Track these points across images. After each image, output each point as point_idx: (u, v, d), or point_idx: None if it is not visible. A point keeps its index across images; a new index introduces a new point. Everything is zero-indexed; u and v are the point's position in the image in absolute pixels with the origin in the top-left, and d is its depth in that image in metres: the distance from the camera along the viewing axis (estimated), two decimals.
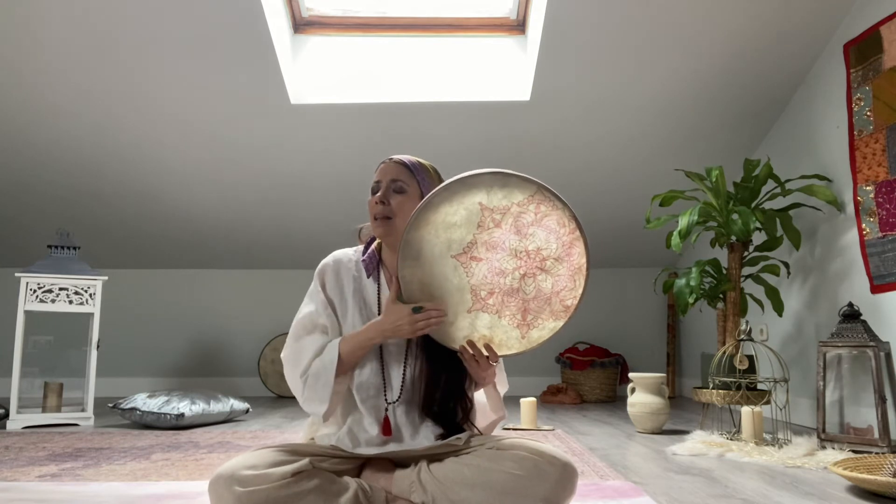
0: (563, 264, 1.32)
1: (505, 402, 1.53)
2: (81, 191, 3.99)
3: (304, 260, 4.43)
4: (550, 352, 4.59)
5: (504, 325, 1.35)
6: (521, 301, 1.33)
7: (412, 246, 1.31)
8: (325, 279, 1.47)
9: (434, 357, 1.41)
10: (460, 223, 1.30)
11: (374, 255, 1.48)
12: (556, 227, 1.30)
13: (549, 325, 1.35)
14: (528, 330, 1.35)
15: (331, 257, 1.50)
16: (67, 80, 3.25)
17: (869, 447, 2.32)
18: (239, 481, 1.19)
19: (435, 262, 1.32)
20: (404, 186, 1.41)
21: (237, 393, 4.55)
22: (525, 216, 1.30)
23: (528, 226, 1.30)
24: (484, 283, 1.33)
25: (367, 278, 1.47)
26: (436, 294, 1.33)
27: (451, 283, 1.33)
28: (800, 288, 3.19)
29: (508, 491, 1.25)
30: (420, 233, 1.30)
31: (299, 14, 3.46)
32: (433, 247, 1.31)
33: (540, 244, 1.31)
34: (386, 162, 1.45)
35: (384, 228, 1.41)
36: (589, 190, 3.99)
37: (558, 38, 3.07)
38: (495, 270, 1.32)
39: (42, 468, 2.08)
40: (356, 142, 3.67)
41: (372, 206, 1.42)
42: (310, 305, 1.45)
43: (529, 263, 1.32)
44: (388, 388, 1.42)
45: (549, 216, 1.30)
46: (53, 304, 3.09)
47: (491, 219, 1.30)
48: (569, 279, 1.32)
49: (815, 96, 3.13)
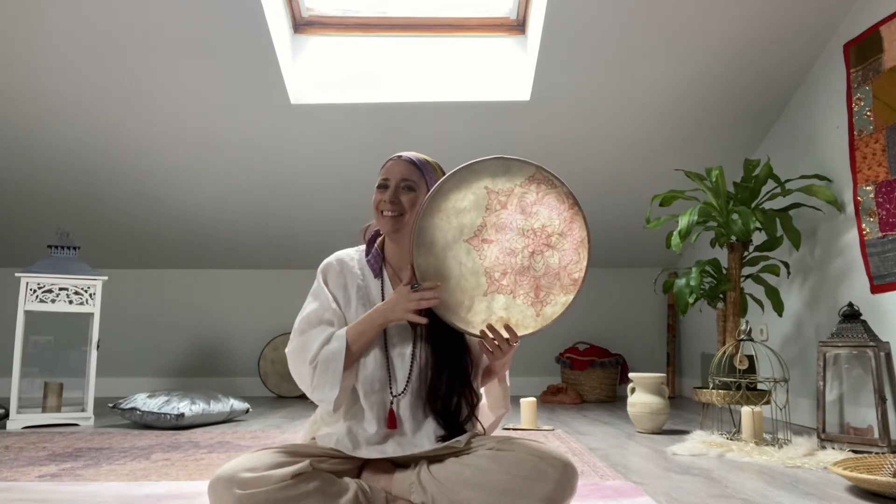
0: (567, 239, 1.38)
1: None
2: (81, 191, 3.99)
3: (305, 260, 4.44)
4: (550, 352, 4.59)
5: (519, 304, 1.38)
6: (532, 279, 1.38)
7: (425, 233, 1.34)
8: (328, 277, 1.48)
9: (439, 348, 1.41)
10: (469, 207, 1.35)
11: (378, 253, 1.49)
12: (557, 204, 1.38)
13: (561, 299, 1.39)
14: (542, 307, 1.38)
15: (333, 256, 1.51)
16: (68, 81, 3.25)
17: (869, 447, 2.32)
18: (239, 483, 1.19)
19: (448, 247, 1.35)
20: (413, 185, 1.44)
21: (237, 393, 4.55)
22: (528, 196, 1.37)
23: (532, 205, 1.37)
24: (497, 264, 1.37)
25: (373, 278, 1.48)
26: (451, 279, 1.36)
27: (466, 267, 1.36)
28: (800, 288, 3.20)
29: (509, 491, 1.25)
30: (433, 220, 1.34)
31: (299, 14, 3.46)
32: (446, 233, 1.35)
33: (544, 221, 1.38)
34: (394, 160, 1.46)
35: (394, 224, 1.43)
36: (589, 190, 3.97)
37: (558, 38, 3.07)
38: (506, 251, 1.37)
39: (42, 468, 2.08)
40: (356, 142, 3.67)
41: (380, 202, 1.43)
42: (314, 303, 1.45)
43: (537, 241, 1.37)
44: (394, 381, 1.41)
45: (549, 194, 1.37)
46: (53, 304, 3.09)
47: (497, 201, 1.36)
48: (573, 252, 1.38)
49: (815, 96, 3.13)
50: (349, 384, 1.40)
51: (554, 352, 4.56)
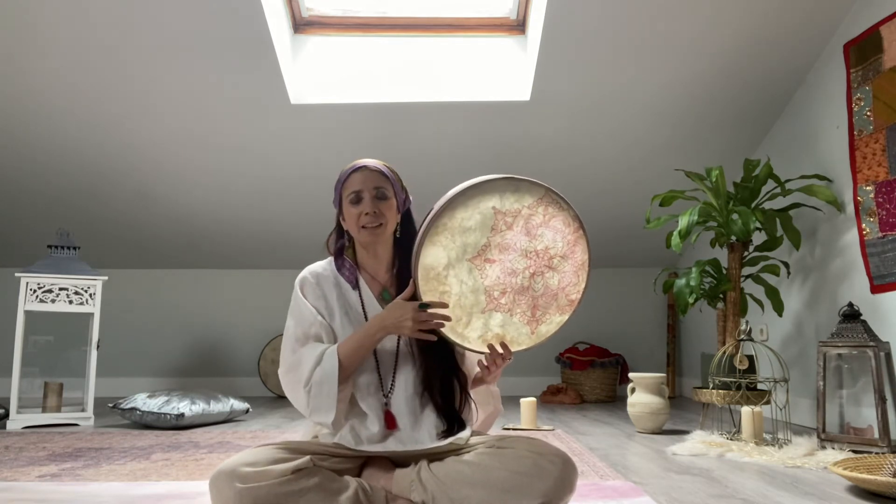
0: (569, 261, 1.38)
1: (505, 402, 1.54)
2: (81, 191, 3.99)
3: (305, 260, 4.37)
4: (550, 352, 4.59)
5: (515, 322, 1.39)
6: (530, 298, 1.38)
7: (429, 251, 1.33)
8: (306, 291, 1.47)
9: (428, 348, 1.42)
10: (475, 227, 1.34)
11: (351, 265, 1.49)
12: (562, 227, 1.38)
13: (556, 319, 1.40)
14: (537, 325, 1.40)
15: (307, 270, 1.51)
16: (68, 81, 3.25)
17: (869, 447, 2.32)
18: (240, 477, 1.20)
19: (451, 266, 1.35)
20: (386, 192, 1.46)
21: (237, 393, 4.55)
22: (534, 218, 1.37)
23: (537, 227, 1.37)
24: (497, 283, 1.37)
25: (351, 290, 1.48)
26: (451, 297, 1.36)
27: (466, 285, 1.36)
28: (800, 288, 3.19)
29: (508, 488, 1.25)
30: (437, 238, 1.33)
31: (299, 14, 3.46)
32: (450, 251, 1.34)
33: (548, 243, 1.38)
34: (359, 171, 1.47)
35: (374, 236, 1.44)
36: (589, 190, 3.98)
37: (558, 38, 3.07)
38: (507, 271, 1.37)
39: (42, 468, 2.08)
40: (356, 142, 3.66)
41: (360, 216, 1.43)
42: (297, 319, 1.45)
43: (538, 262, 1.38)
44: (384, 382, 1.43)
45: (556, 217, 1.37)
46: (53, 304, 3.09)
47: (503, 222, 1.35)
48: (573, 275, 1.39)
49: (815, 96, 3.13)
50: (346, 395, 1.41)
51: (554, 352, 4.56)
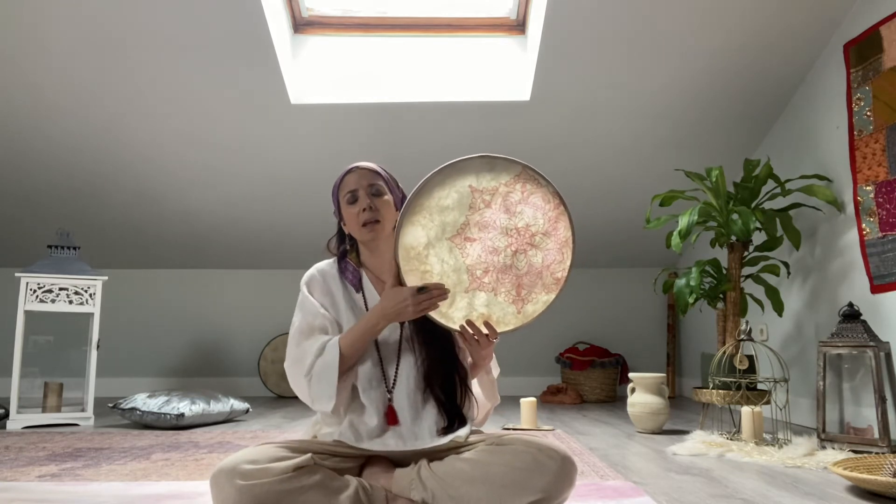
0: (551, 239, 1.38)
1: (505, 402, 1.54)
2: (81, 191, 3.99)
3: (305, 260, 4.39)
4: (550, 352, 4.60)
5: (500, 301, 1.39)
6: (514, 277, 1.38)
7: (408, 231, 1.35)
8: (313, 287, 1.50)
9: (426, 336, 1.44)
10: (452, 206, 1.35)
11: (354, 269, 1.51)
12: (542, 204, 1.37)
13: (542, 298, 1.40)
14: (522, 305, 1.39)
15: (314, 268, 1.54)
16: (68, 81, 3.25)
17: (869, 447, 2.32)
18: (240, 475, 1.20)
19: (431, 245, 1.36)
20: (381, 189, 1.48)
21: (237, 393, 4.55)
22: (513, 195, 1.37)
23: (516, 204, 1.37)
24: (479, 262, 1.37)
25: (355, 292, 1.50)
26: (433, 276, 1.37)
27: (448, 264, 1.37)
28: (800, 288, 3.20)
29: (507, 484, 1.25)
30: (415, 217, 1.34)
31: (299, 14, 3.46)
32: (428, 231, 1.35)
33: (528, 221, 1.38)
34: (351, 172, 1.50)
35: (374, 232, 1.46)
36: (589, 190, 3.98)
37: (558, 38, 3.07)
38: (489, 249, 1.37)
39: (42, 468, 2.08)
40: (356, 142, 3.67)
41: (358, 214, 1.46)
42: (303, 314, 1.47)
43: (520, 240, 1.37)
44: (388, 376, 1.43)
45: (535, 193, 1.37)
46: (53, 304, 3.09)
47: (481, 200, 1.36)
48: (557, 252, 1.39)
49: (815, 96, 3.13)
50: (348, 385, 1.42)
51: (554, 352, 4.56)
